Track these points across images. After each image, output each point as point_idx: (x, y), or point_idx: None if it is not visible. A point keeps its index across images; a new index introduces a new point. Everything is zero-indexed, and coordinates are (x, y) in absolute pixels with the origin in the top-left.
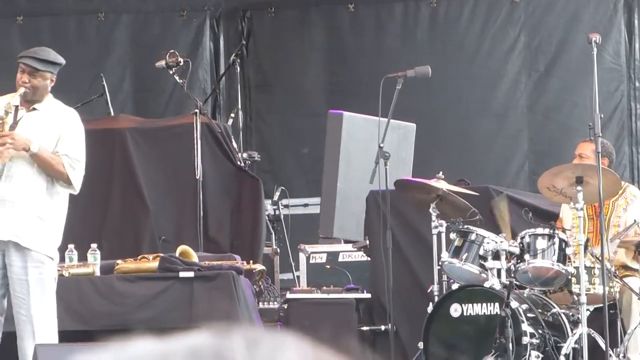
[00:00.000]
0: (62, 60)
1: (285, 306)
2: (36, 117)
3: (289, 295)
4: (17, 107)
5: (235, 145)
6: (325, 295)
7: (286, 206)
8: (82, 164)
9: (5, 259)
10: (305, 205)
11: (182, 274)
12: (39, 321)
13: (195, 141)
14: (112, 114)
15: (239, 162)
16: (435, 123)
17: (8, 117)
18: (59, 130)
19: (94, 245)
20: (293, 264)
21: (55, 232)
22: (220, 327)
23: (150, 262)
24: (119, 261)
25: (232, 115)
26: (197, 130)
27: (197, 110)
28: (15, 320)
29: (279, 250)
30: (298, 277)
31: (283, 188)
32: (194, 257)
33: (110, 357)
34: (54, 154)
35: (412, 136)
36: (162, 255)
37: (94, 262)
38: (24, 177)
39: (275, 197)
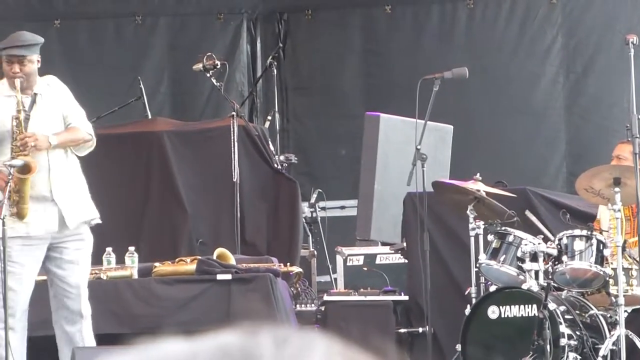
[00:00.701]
0: (41, 39)
1: (323, 308)
2: (43, 103)
3: (326, 298)
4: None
5: (272, 147)
6: (362, 298)
7: (323, 208)
8: (84, 115)
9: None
10: (343, 207)
11: (219, 277)
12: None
13: (232, 144)
14: (150, 117)
15: (276, 165)
16: (472, 125)
17: (22, 114)
18: (60, 105)
19: (131, 248)
20: (330, 267)
21: (88, 194)
22: (249, 326)
23: (188, 265)
24: (156, 264)
25: (269, 117)
26: (234, 133)
27: (234, 113)
28: (61, 305)
29: (316, 252)
30: (335, 279)
31: (320, 190)
32: (232, 260)
33: (138, 357)
34: (69, 130)
35: (449, 138)
36: (200, 257)
37: (132, 265)
38: (49, 162)
39: (312, 200)
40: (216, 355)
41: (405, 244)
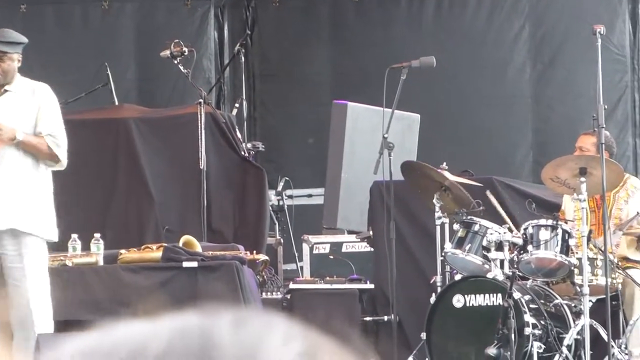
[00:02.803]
0: (25, 39)
1: (289, 296)
2: (11, 99)
3: (292, 286)
4: None
5: (239, 135)
6: (328, 286)
7: (290, 196)
8: (64, 138)
9: None
10: (309, 195)
11: (185, 264)
12: (38, 308)
13: (199, 131)
14: (117, 103)
15: (243, 152)
16: (439, 114)
17: None
18: (35, 109)
19: (97, 235)
20: (296, 255)
21: (51, 212)
22: (209, 308)
23: (154, 252)
24: (122, 251)
25: (237, 105)
26: (201, 120)
27: (201, 100)
28: (12, 307)
29: (282, 240)
30: (301, 267)
31: (287, 178)
32: (198, 247)
33: (99, 339)
34: (38, 136)
35: (416, 127)
36: (166, 245)
37: (98, 251)
38: (12, 163)
39: (279, 188)
40: (176, 335)
41: (371, 233)
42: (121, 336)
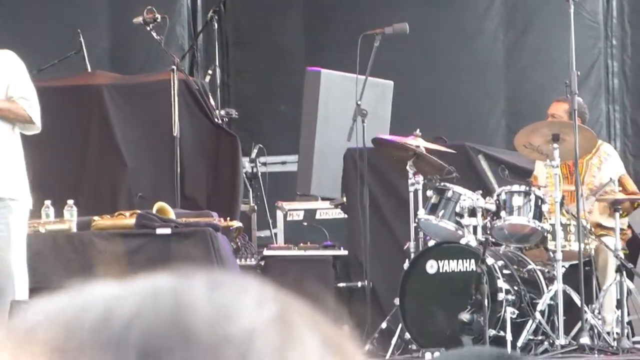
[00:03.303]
0: None
1: (262, 263)
2: None
3: (266, 252)
4: None
5: (212, 102)
6: (302, 252)
7: (264, 164)
8: (37, 101)
9: None
10: (283, 162)
11: (159, 231)
12: (19, 273)
13: (172, 98)
14: (89, 70)
15: (216, 120)
16: (413, 81)
17: None
18: (5, 75)
19: (70, 202)
20: (270, 222)
21: (24, 176)
22: (182, 270)
23: (127, 219)
24: (95, 218)
25: (210, 72)
26: (174, 87)
27: (174, 67)
28: None
29: (256, 207)
30: (275, 234)
31: (261, 146)
32: (171, 214)
33: (68, 300)
34: (11, 101)
35: (389, 93)
36: (139, 212)
37: (71, 218)
38: None
39: (253, 155)
40: (147, 298)
41: (345, 199)
42: (90, 299)
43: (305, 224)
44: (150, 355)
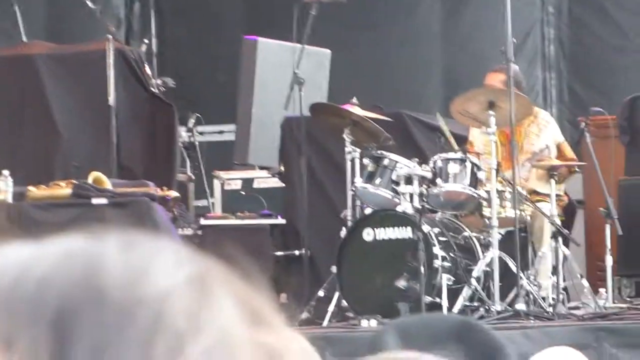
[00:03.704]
0: None
1: (200, 232)
2: None
3: (203, 222)
4: None
5: (149, 71)
6: (239, 222)
7: (201, 133)
8: None
9: None
10: (221, 132)
11: (94, 201)
12: None
13: (108, 67)
14: (25, 40)
15: (152, 89)
16: (350, 49)
17: None
18: None
19: (5, 172)
20: (208, 191)
21: None
22: (97, 231)
23: (63, 189)
24: (31, 188)
25: (146, 41)
26: (110, 57)
27: (110, 36)
28: None
29: (193, 177)
30: (213, 203)
31: (198, 115)
32: (107, 184)
33: None
34: None
35: (327, 62)
36: (75, 182)
37: (6, 188)
38: None
39: (190, 124)
40: (60, 258)
41: (282, 168)
42: (5, 260)
43: (243, 193)
44: (65, 316)
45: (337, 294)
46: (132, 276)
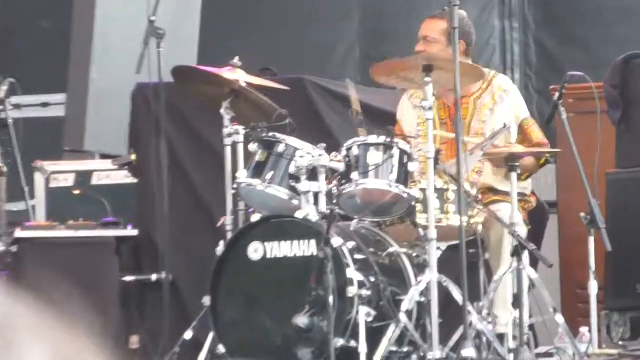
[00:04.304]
0: None
1: (15, 248)
2: None
3: (19, 234)
4: None
5: None
6: (71, 233)
7: (17, 106)
8: None
9: None
10: (45, 104)
11: None
12: None
13: None
14: None
15: None
16: None
17: None
18: None
19: None
20: (27, 189)
21: None
22: None
23: None
24: None
25: None
26: None
27: None
28: None
29: (5, 169)
30: (34, 207)
31: (13, 80)
32: None
33: None
34: None
35: (197, 5)
36: None
37: None
38: None
39: (1, 94)
40: None
41: (134, 157)
42: None
43: (77, 192)
44: None
45: (211, 336)
46: None
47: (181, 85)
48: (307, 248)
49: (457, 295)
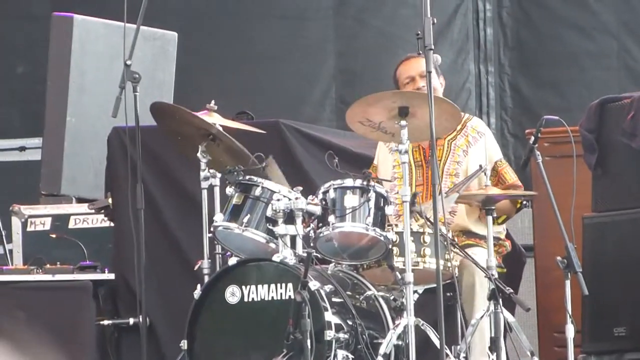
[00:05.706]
0: None
1: None
2: None
3: None
4: None
5: None
6: (49, 277)
7: None
8: None
9: None
10: (22, 149)
11: None
12: None
13: None
14: None
15: None
16: (205, 31)
17: None
18: None
19: None
20: (4, 233)
21: None
22: None
23: None
24: None
25: None
26: None
27: None
28: None
29: None
30: (10, 250)
31: None
32: None
33: None
34: None
35: (173, 49)
36: None
37: None
38: None
39: None
40: None
41: (110, 200)
42: None
43: (54, 235)
44: None
45: None
46: None
47: (159, 122)
48: (284, 291)
49: (434, 338)
